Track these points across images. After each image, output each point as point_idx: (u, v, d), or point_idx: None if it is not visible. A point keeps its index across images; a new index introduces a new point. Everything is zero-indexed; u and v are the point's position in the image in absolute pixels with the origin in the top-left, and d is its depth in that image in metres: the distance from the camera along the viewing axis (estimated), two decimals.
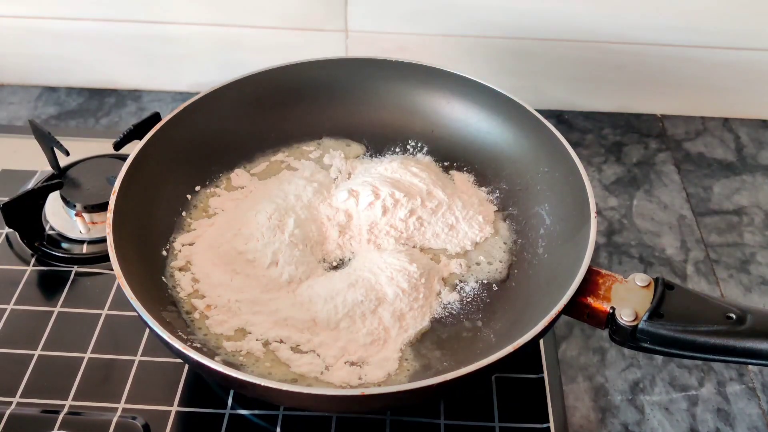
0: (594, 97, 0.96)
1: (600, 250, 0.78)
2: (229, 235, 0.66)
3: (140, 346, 0.65)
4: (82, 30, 0.92)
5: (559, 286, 0.59)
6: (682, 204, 0.84)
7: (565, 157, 0.65)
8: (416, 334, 0.61)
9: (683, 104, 0.96)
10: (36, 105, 0.95)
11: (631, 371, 0.67)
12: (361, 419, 0.61)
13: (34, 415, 0.60)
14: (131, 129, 0.69)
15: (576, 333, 0.70)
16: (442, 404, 0.62)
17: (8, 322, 0.67)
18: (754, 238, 0.81)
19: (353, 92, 0.77)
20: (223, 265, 0.64)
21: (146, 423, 0.59)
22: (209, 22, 0.90)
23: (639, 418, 0.64)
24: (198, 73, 0.95)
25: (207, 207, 0.70)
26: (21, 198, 0.71)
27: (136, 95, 0.97)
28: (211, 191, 0.71)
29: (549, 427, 0.61)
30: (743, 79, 0.92)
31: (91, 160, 0.78)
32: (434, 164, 0.75)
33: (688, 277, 0.76)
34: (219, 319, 0.60)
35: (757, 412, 0.65)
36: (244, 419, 0.60)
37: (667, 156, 0.91)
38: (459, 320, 0.62)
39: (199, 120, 0.71)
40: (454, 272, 0.66)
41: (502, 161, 0.73)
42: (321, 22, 0.89)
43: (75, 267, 0.72)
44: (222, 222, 0.68)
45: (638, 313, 0.52)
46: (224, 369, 0.50)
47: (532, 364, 0.65)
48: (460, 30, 0.89)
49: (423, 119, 0.77)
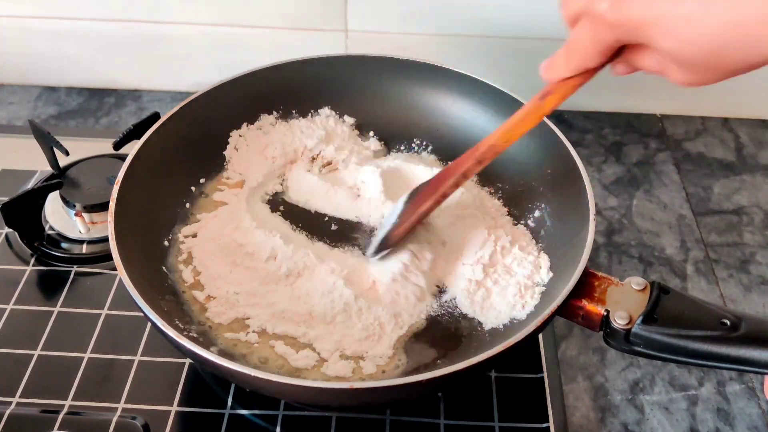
0: (594, 97, 0.96)
1: (600, 250, 0.78)
2: (230, 228, 0.67)
3: (140, 346, 0.65)
4: (82, 30, 0.92)
5: (556, 287, 0.59)
6: (682, 204, 0.84)
7: (567, 159, 0.65)
8: (412, 331, 0.61)
9: (683, 104, 0.96)
10: (36, 105, 0.95)
11: (631, 371, 0.67)
12: (360, 419, 0.61)
13: (33, 415, 0.60)
14: (131, 129, 0.69)
15: (576, 333, 0.70)
16: (441, 404, 0.62)
17: (8, 322, 0.67)
18: (753, 237, 0.81)
19: (357, 90, 0.77)
20: (223, 257, 0.65)
21: (146, 423, 0.59)
22: (209, 22, 0.90)
23: (639, 418, 0.64)
24: (198, 73, 0.94)
25: (211, 199, 0.71)
26: (21, 198, 0.71)
27: (136, 95, 0.97)
28: (215, 184, 0.72)
29: (549, 426, 0.61)
30: (743, 79, 0.91)
31: (90, 160, 0.78)
32: (438, 163, 0.76)
33: (688, 276, 0.76)
34: (217, 311, 0.61)
35: (757, 412, 0.65)
36: (244, 419, 0.60)
37: (666, 156, 0.91)
38: (455, 318, 0.62)
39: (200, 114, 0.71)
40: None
41: (506, 161, 0.72)
42: (321, 21, 0.89)
43: (75, 267, 0.72)
44: (224, 214, 0.69)
45: (632, 316, 0.52)
46: (217, 359, 0.50)
47: (532, 363, 0.65)
48: (459, 30, 0.89)
49: (428, 118, 0.76)
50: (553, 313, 0.53)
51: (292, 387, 0.50)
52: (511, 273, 0.63)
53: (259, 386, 0.51)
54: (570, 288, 0.54)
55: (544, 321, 0.53)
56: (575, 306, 0.54)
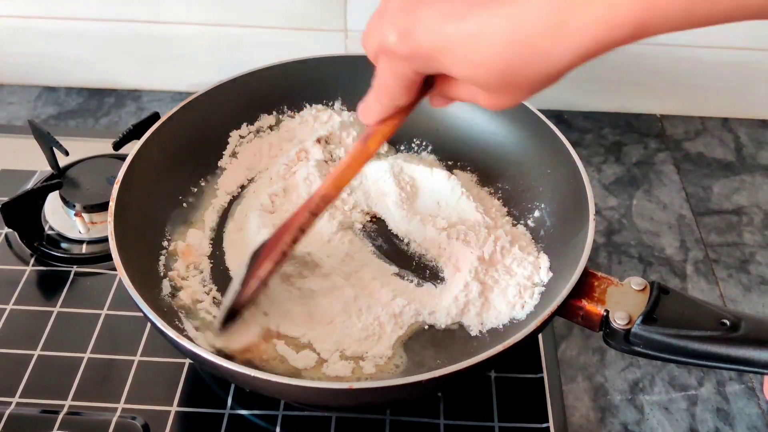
0: (593, 97, 0.96)
1: (599, 250, 0.78)
2: (230, 226, 0.68)
3: (140, 346, 0.65)
4: (81, 30, 0.92)
5: (555, 287, 0.59)
6: (682, 204, 0.84)
7: (567, 159, 0.65)
8: (412, 330, 0.61)
9: (683, 104, 0.96)
10: (35, 105, 0.95)
11: (631, 371, 0.67)
12: (360, 419, 0.61)
13: (33, 415, 0.60)
14: (131, 129, 0.69)
15: (576, 333, 0.70)
16: (441, 404, 0.62)
17: (7, 322, 0.67)
18: (753, 237, 0.81)
19: (357, 90, 0.77)
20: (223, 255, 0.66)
21: (146, 423, 0.59)
22: (209, 22, 0.90)
23: (638, 418, 0.64)
24: (198, 73, 0.94)
25: (211, 198, 0.71)
26: (20, 198, 0.71)
27: (136, 95, 0.97)
28: (216, 183, 0.72)
29: (548, 426, 0.61)
30: (742, 79, 0.92)
31: (90, 160, 0.78)
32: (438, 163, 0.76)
33: (688, 276, 0.76)
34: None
35: (757, 412, 0.65)
36: (244, 419, 0.60)
37: (666, 156, 0.91)
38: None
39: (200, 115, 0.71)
40: None
41: (506, 162, 0.73)
42: (320, 21, 0.89)
43: (74, 267, 0.72)
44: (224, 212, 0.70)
45: (632, 316, 0.52)
46: (217, 359, 0.50)
47: (532, 363, 0.65)
48: None
49: (428, 118, 0.76)
50: (552, 313, 0.53)
51: (292, 387, 0.50)
52: (511, 273, 0.63)
53: (259, 386, 0.51)
54: (570, 288, 0.54)
55: (544, 321, 0.53)
56: (575, 306, 0.54)
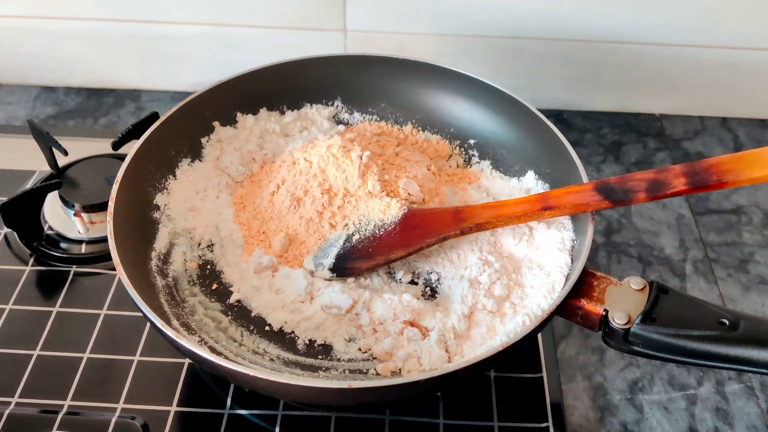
0: (593, 97, 0.96)
1: (599, 250, 0.78)
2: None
3: (139, 346, 0.65)
4: (80, 30, 0.92)
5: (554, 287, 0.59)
6: (681, 203, 0.84)
7: (567, 159, 0.65)
8: None
9: (682, 104, 0.96)
10: (34, 105, 0.95)
11: (630, 370, 0.67)
12: (359, 419, 0.61)
13: (33, 415, 0.60)
14: (130, 129, 0.69)
15: (575, 332, 0.70)
16: (441, 404, 0.62)
17: (7, 322, 0.67)
18: (752, 237, 0.81)
19: (356, 90, 0.77)
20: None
21: (145, 423, 0.59)
22: (208, 22, 0.90)
23: (638, 418, 0.64)
24: (197, 72, 0.94)
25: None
26: (19, 198, 0.71)
27: (135, 95, 0.97)
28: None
29: (548, 426, 0.61)
30: (742, 79, 0.92)
31: (89, 159, 0.78)
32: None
33: (687, 276, 0.76)
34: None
35: (756, 411, 0.65)
36: (243, 419, 0.60)
37: (665, 155, 0.91)
38: None
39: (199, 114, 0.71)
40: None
41: (505, 161, 0.73)
42: (320, 21, 0.89)
43: (74, 267, 0.72)
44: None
45: (631, 316, 0.52)
46: (217, 359, 0.50)
47: (531, 363, 0.65)
48: (458, 30, 0.89)
49: (428, 118, 0.76)
50: (552, 312, 0.53)
51: (292, 387, 0.50)
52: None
53: (258, 386, 0.51)
54: (569, 288, 0.54)
55: (543, 321, 0.53)
56: (574, 306, 0.55)
